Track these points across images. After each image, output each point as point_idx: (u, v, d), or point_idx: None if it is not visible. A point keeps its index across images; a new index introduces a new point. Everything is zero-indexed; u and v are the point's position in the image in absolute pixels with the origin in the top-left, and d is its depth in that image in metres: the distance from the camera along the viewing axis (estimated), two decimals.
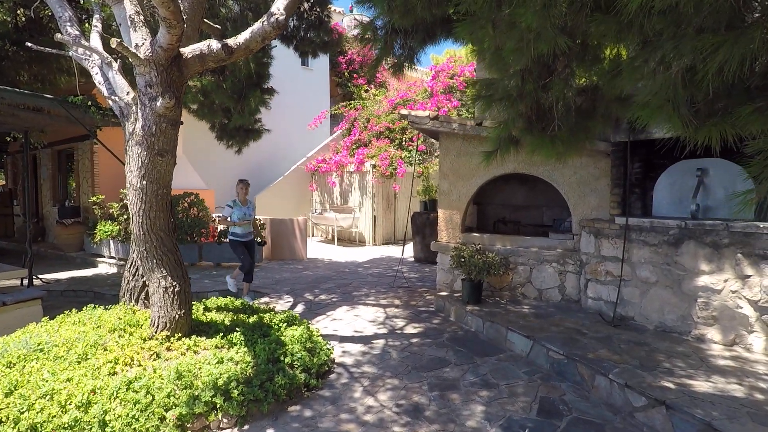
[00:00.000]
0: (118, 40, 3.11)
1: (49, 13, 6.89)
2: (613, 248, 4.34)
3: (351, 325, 4.86)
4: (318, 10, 6.17)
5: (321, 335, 4.20)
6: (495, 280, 5.13)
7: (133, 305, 4.18)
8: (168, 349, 3.64)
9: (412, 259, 9.21)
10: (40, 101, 5.54)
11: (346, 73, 16.93)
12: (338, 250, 10.84)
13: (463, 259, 4.87)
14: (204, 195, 9.23)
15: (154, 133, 3.50)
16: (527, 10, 1.71)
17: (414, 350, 4.12)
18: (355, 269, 8.12)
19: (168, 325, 3.71)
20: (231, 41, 3.59)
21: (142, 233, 3.61)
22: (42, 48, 4.52)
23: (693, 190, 4.13)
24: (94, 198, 9.07)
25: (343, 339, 4.43)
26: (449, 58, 14.97)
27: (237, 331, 3.87)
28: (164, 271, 3.69)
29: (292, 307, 5.59)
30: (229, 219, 5.68)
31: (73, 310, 4.61)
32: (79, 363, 3.28)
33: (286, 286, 6.71)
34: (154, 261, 3.67)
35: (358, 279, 7.20)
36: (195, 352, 3.64)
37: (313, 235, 13.64)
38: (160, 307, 3.69)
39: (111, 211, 8.88)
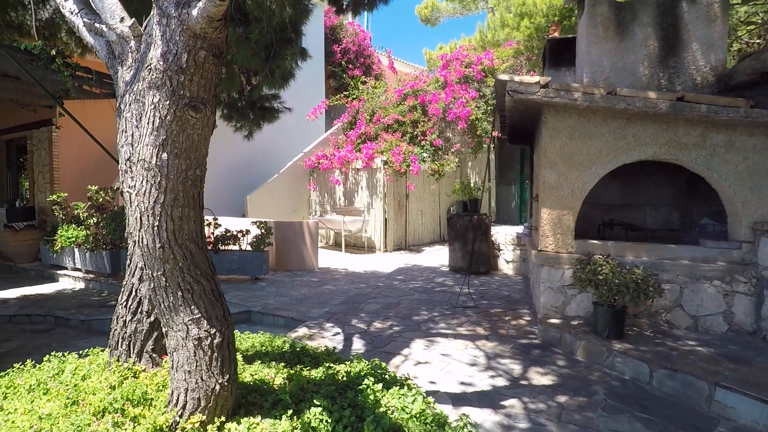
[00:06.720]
0: None
1: None
2: None
3: (448, 373, 3.39)
4: None
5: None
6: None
7: (134, 361, 2.58)
8: None
9: (447, 269, 7.82)
10: None
11: (343, 63, 15.36)
12: (349, 258, 9.32)
13: (600, 277, 3.51)
14: None
15: (183, 67, 1.95)
16: None
17: (577, 419, 2.71)
18: (390, 283, 6.63)
19: (202, 403, 2.15)
20: None
21: (158, 245, 2.04)
22: None
23: None
24: (54, 196, 7.20)
25: (455, 400, 2.97)
26: (461, 47, 13.70)
27: (315, 405, 2.34)
28: (195, 311, 2.13)
29: (346, 342, 4.07)
30: None
31: (28, 362, 2.96)
32: None
33: (316, 308, 5.16)
34: (179, 294, 2.11)
35: (403, 297, 5.72)
36: None
37: None
38: (189, 372, 2.13)
39: (76, 212, 7.06)
